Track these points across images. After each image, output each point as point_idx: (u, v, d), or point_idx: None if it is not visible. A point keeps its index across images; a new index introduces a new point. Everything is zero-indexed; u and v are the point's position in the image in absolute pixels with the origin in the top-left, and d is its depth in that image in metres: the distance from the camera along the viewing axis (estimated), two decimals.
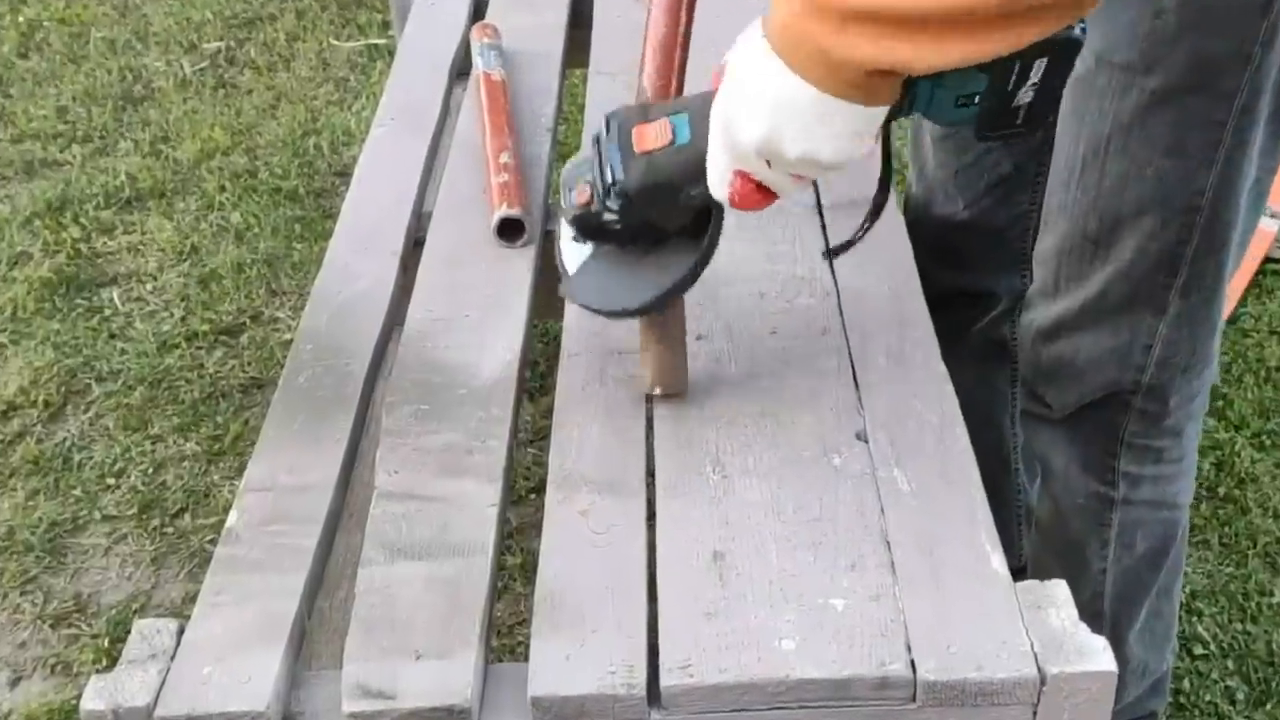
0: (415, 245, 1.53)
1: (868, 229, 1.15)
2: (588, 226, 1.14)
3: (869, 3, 0.91)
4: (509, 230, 1.48)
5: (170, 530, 2.18)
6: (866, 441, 1.18)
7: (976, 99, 1.02)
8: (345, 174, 2.94)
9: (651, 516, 1.13)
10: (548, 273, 1.49)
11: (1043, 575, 1.06)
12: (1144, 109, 1.27)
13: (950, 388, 1.23)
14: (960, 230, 1.65)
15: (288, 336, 2.49)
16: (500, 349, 1.33)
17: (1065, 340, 1.43)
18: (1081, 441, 1.49)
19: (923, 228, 1.62)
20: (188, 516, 2.19)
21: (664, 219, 1.13)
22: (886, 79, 0.96)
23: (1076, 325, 1.41)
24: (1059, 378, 1.46)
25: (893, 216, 1.46)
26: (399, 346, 1.36)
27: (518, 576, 2.04)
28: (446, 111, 1.79)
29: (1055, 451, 1.52)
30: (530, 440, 2.25)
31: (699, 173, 1.07)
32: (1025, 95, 1.02)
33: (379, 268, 1.47)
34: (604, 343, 1.31)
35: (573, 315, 1.36)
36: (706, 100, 1.07)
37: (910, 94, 1.01)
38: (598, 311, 1.20)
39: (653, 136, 1.09)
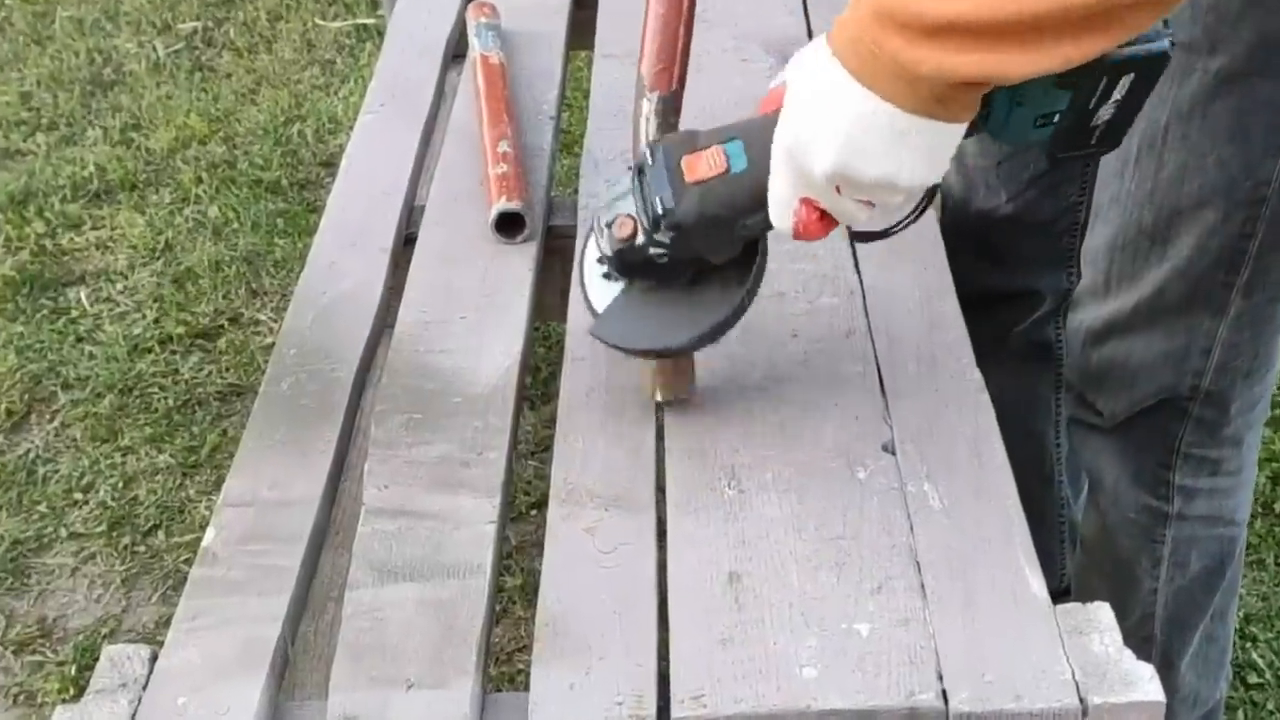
0: (406, 241, 1.53)
1: (910, 222, 1.15)
2: (630, 263, 1.15)
3: (956, 12, 0.91)
4: (508, 225, 1.49)
5: (142, 549, 2.18)
6: (894, 454, 1.18)
7: (1056, 118, 1.04)
8: (331, 164, 2.94)
9: (662, 534, 1.13)
10: (549, 270, 1.49)
11: (1087, 597, 1.05)
12: (1205, 93, 1.27)
13: (986, 396, 1.23)
14: (1002, 225, 1.65)
15: (269, 340, 2.49)
16: (498, 353, 1.33)
17: (1117, 342, 1.43)
18: (1133, 452, 1.49)
19: (961, 223, 1.62)
20: (161, 534, 2.20)
21: (714, 251, 1.14)
22: (969, 94, 0.97)
23: (1129, 326, 1.41)
24: (1110, 383, 1.45)
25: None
26: (389, 351, 1.36)
27: (518, 599, 2.05)
28: (440, 97, 1.79)
29: (1104, 462, 1.52)
30: (531, 452, 2.25)
31: (757, 202, 1.09)
32: (1105, 113, 1.04)
33: (367, 266, 1.48)
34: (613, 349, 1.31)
35: (577, 317, 1.36)
36: (763, 125, 1.08)
37: (985, 113, 1.02)
38: (631, 352, 1.21)
39: (705, 165, 1.10)
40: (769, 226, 1.10)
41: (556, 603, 1.08)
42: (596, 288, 1.21)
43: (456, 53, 1.87)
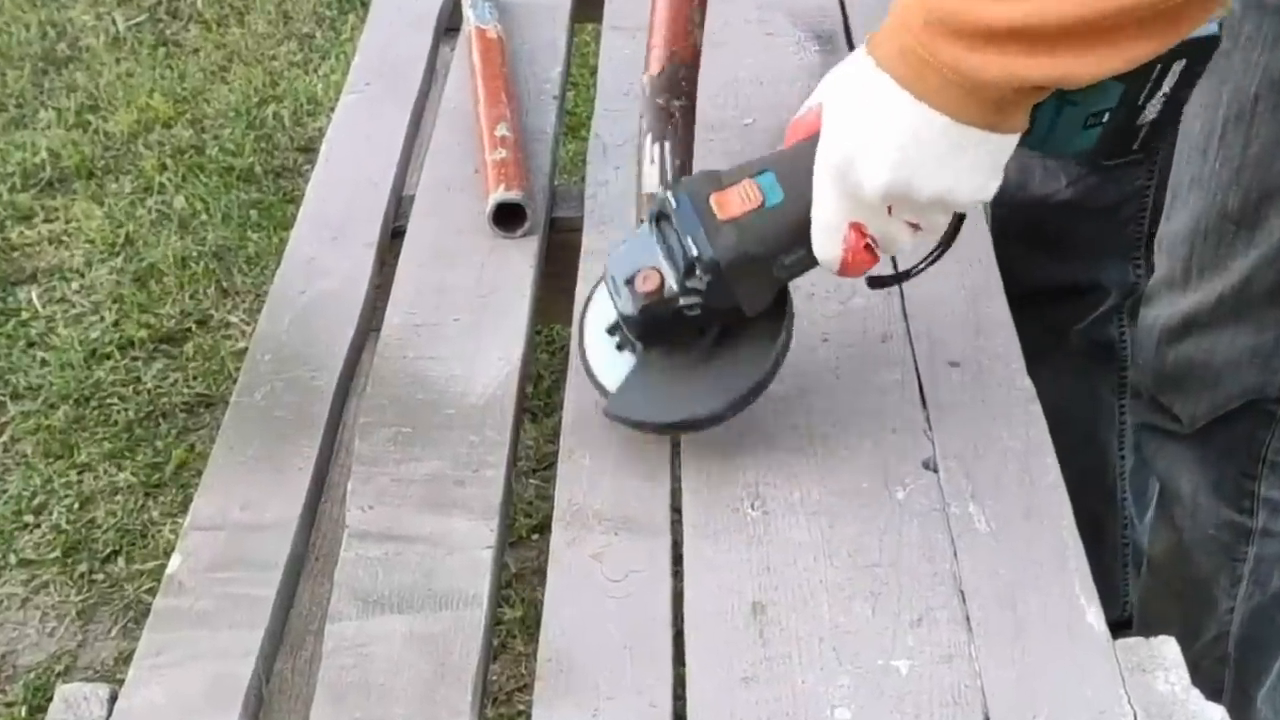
0: (394, 236, 1.54)
1: (937, 256, 1.16)
2: (656, 320, 1.16)
3: (1022, 15, 0.94)
4: (507, 217, 1.49)
5: (100, 577, 2.19)
6: (936, 471, 1.18)
7: (1106, 116, 1.07)
8: (310, 150, 2.95)
9: (678, 561, 1.14)
10: (552, 268, 1.50)
11: (1154, 623, 1.06)
12: None
13: (1037, 407, 1.23)
14: (1061, 212, 1.65)
15: (241, 345, 2.49)
16: (496, 359, 1.34)
17: (1198, 339, 1.43)
18: (1214, 460, 1.49)
19: (1014, 211, 1.62)
20: (121, 561, 2.20)
21: (750, 297, 1.15)
22: (1029, 100, 1.00)
23: (1211, 322, 1.41)
24: (1189, 384, 1.45)
25: None
26: (374, 357, 1.36)
27: (518, 632, 2.05)
28: (432, 75, 1.80)
29: (1181, 473, 1.51)
30: (532, 469, 2.25)
31: (797, 236, 1.11)
32: (1152, 110, 1.07)
33: (350, 262, 1.48)
34: None
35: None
36: (795, 154, 1.10)
37: (1031, 119, 1.04)
38: (659, 428, 1.22)
39: (737, 201, 1.12)
40: (810, 263, 1.12)
41: (560, 636, 1.08)
42: (605, 363, 1.23)
43: (450, 26, 1.88)
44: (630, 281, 1.15)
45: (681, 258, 1.13)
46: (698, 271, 1.12)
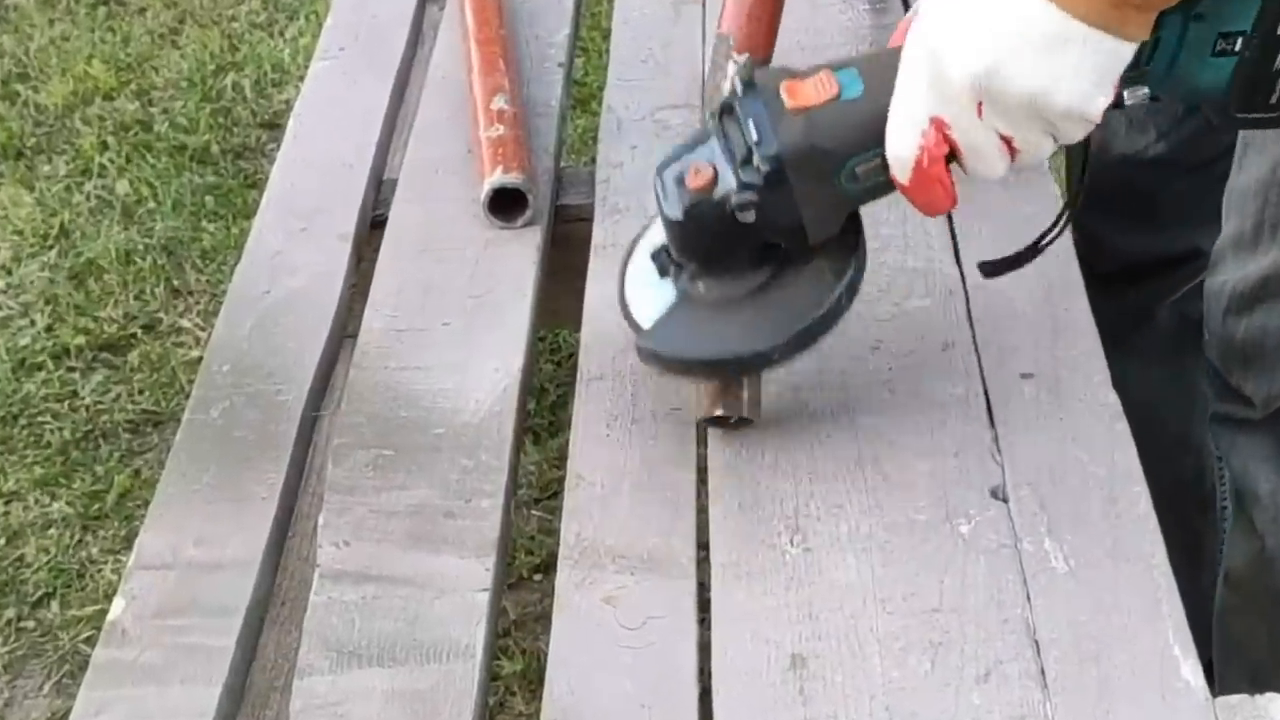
0: (373, 226, 1.55)
1: (1059, 230, 1.16)
2: (702, 228, 1.16)
3: None
4: (505, 204, 1.49)
5: (30, 624, 2.19)
6: (1006, 501, 1.18)
7: (1239, 44, 1.07)
8: (276, 126, 2.95)
9: (705, 606, 1.14)
10: (558, 263, 1.50)
11: (1238, 642, 1.06)
12: None
13: (1124, 426, 1.23)
14: (1152, 170, 1.64)
15: (195, 353, 2.50)
16: (492, 370, 1.34)
17: (1271, 307, 1.42)
18: None
19: (1095, 174, 1.62)
20: (54, 605, 2.21)
21: (814, 210, 1.15)
22: (1146, 7, 1.02)
23: None
24: (1261, 359, 1.44)
25: (1042, 173, 1.46)
26: (350, 368, 1.37)
27: (518, 689, 2.05)
28: (417, 38, 1.80)
29: (1258, 469, 1.50)
30: (535, 499, 2.25)
31: (872, 136, 1.11)
32: None
33: (322, 257, 1.49)
34: (638, 363, 1.31)
35: (593, 324, 1.37)
36: (882, 55, 1.12)
37: (1152, 43, 1.05)
38: (691, 368, 1.22)
39: (811, 91, 1.13)
40: (883, 178, 1.13)
41: (568, 694, 1.08)
42: (644, 294, 1.23)
43: None
44: (681, 179, 1.16)
45: (742, 144, 1.13)
46: (755, 161, 1.12)
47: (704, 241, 1.17)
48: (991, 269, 1.21)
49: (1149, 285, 1.71)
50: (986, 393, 1.27)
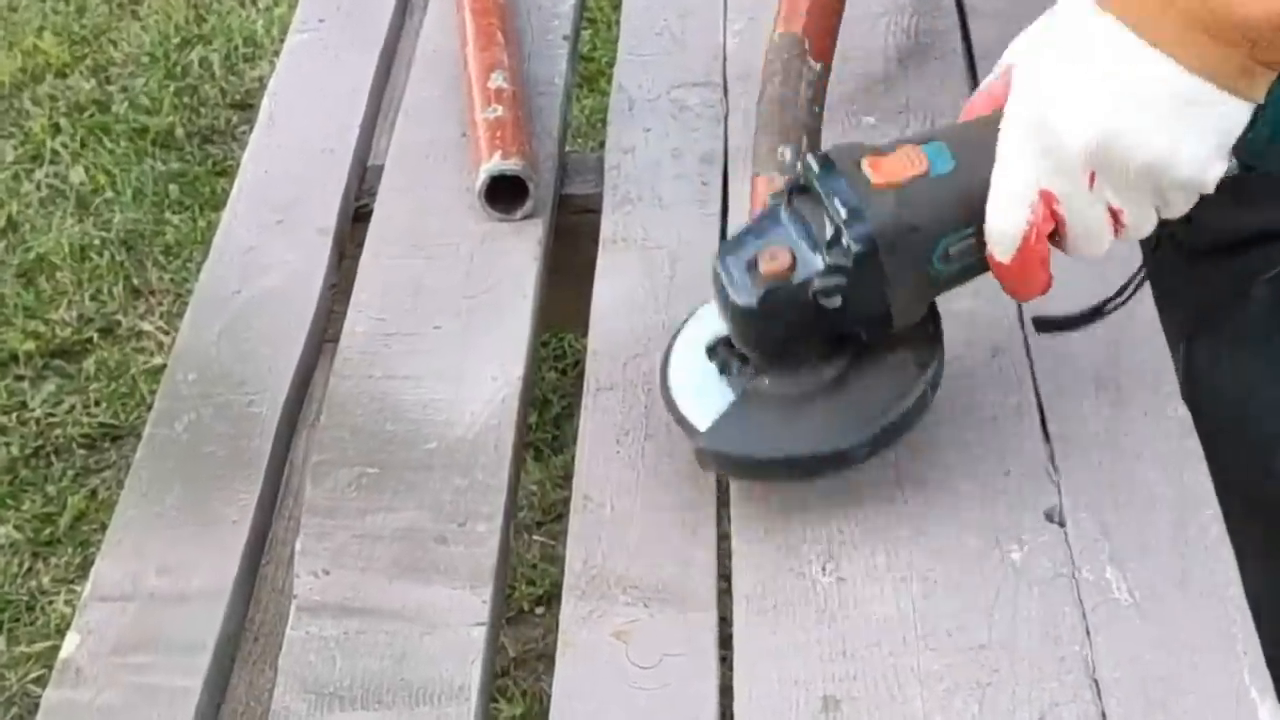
0: (356, 218, 1.55)
1: (1140, 280, 1.17)
2: (777, 318, 1.16)
3: None
4: (503, 194, 1.50)
5: None
6: (1062, 525, 1.18)
7: None
8: (248, 106, 2.96)
9: (727, 643, 1.14)
10: (562, 259, 1.50)
11: None
12: None
13: (1195, 442, 1.23)
14: (1248, 140, 1.64)
15: (158, 360, 2.51)
16: (489, 379, 1.35)
17: None
18: None
19: None
20: (1, 640, 2.21)
21: (903, 297, 1.15)
22: (1275, 66, 1.02)
23: None
24: None
25: None
26: (331, 376, 1.37)
27: None
28: (405, 7, 1.80)
29: None
30: (537, 522, 2.25)
31: (966, 214, 1.12)
32: None
33: (300, 254, 1.49)
34: (651, 369, 1.31)
35: (602, 328, 1.37)
36: (970, 126, 1.13)
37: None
38: (768, 468, 1.22)
39: (898, 166, 1.13)
40: (976, 259, 1.13)
41: None
42: (697, 395, 1.22)
43: None
44: (752, 264, 1.16)
45: (827, 226, 1.13)
46: (845, 241, 1.12)
47: (777, 333, 1.17)
48: (1047, 325, 1.21)
49: (1244, 261, 1.70)
50: (1040, 404, 1.27)
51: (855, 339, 1.18)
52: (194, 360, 1.39)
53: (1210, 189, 1.08)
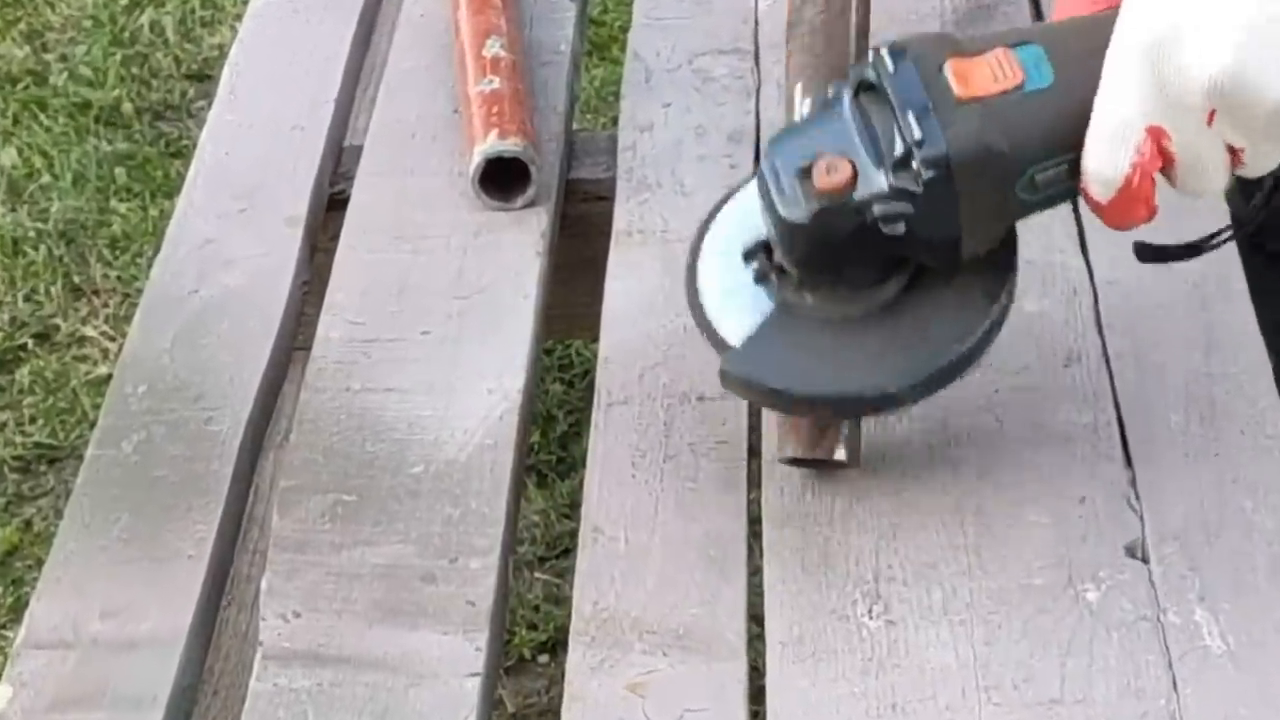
0: (330, 207, 1.55)
1: (1251, 225, 1.18)
2: (829, 239, 1.15)
3: None
4: (501, 179, 1.50)
5: None
6: (1146, 561, 1.18)
7: None
8: (206, 78, 2.96)
9: (759, 696, 1.14)
10: (569, 254, 1.50)
11: None
12: None
13: None
14: None
15: (103, 370, 2.51)
16: (485, 393, 1.35)
17: None
18: None
19: None
20: None
21: (977, 225, 1.15)
22: None
23: None
24: None
25: None
26: (302, 389, 1.38)
27: None
28: None
29: None
30: (540, 558, 2.26)
31: (1065, 137, 1.11)
32: None
33: (266, 247, 1.49)
34: (671, 380, 1.32)
35: (615, 334, 1.37)
36: (1077, 28, 1.13)
37: None
38: (801, 404, 1.22)
39: (989, 75, 1.12)
40: (1066, 188, 1.13)
41: None
42: (730, 303, 1.23)
43: None
44: (805, 172, 1.15)
45: (895, 142, 1.13)
46: (915, 164, 1.12)
47: (827, 252, 1.17)
48: (1151, 254, 1.20)
49: None
50: (1121, 421, 1.27)
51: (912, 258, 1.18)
52: (144, 370, 1.39)
53: None
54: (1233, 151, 1.09)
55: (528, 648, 2.17)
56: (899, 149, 1.12)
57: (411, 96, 1.62)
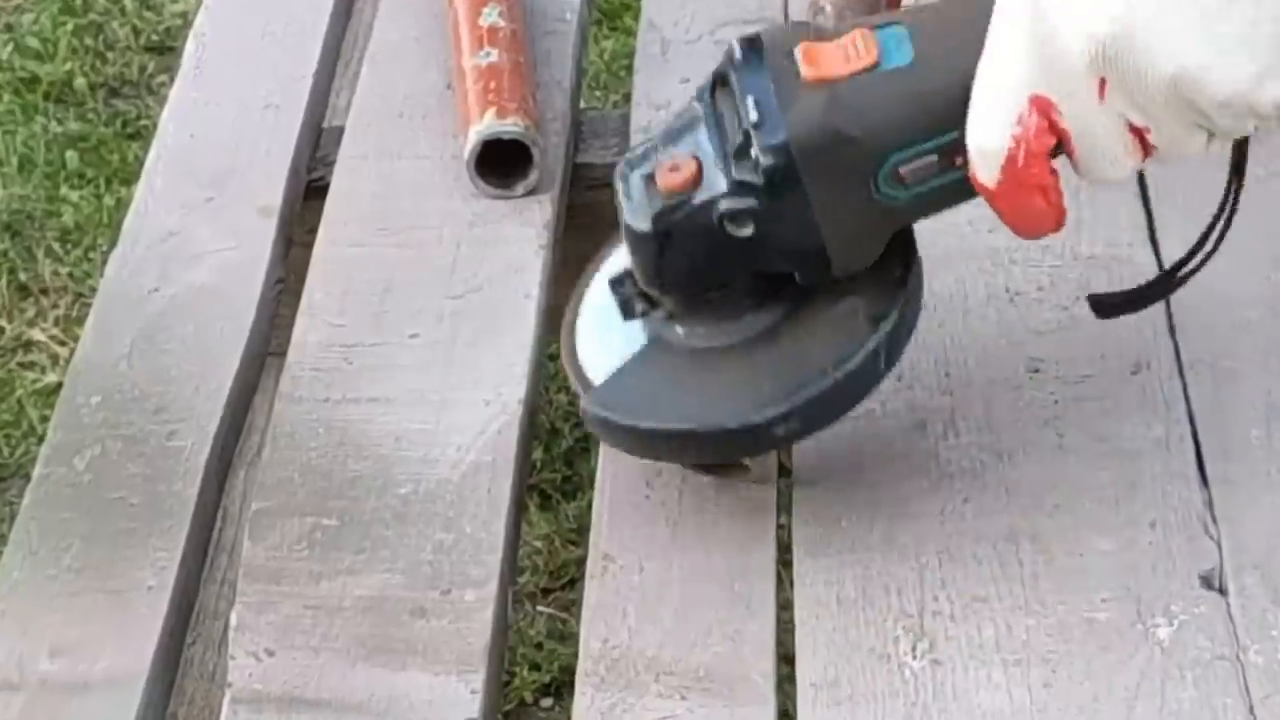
0: (308, 195, 1.56)
1: (1220, 228, 1.18)
2: (678, 249, 1.16)
3: None
4: (500, 163, 1.50)
5: None
6: (1223, 592, 1.18)
7: None
8: (167, 50, 2.97)
9: None
10: (576, 247, 1.51)
11: None
12: None
13: None
14: None
15: (52, 378, 2.52)
16: (482, 404, 1.35)
17: None
18: None
19: None
20: None
21: (839, 230, 1.15)
22: None
23: None
24: None
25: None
26: (276, 400, 1.38)
27: None
28: None
29: None
30: (543, 588, 2.26)
31: (925, 122, 1.12)
32: None
33: (236, 240, 1.50)
34: None
35: None
36: (949, 7, 1.14)
37: None
38: (651, 441, 1.23)
39: (839, 57, 1.13)
40: (938, 183, 1.13)
41: None
42: (599, 342, 1.24)
43: None
44: (651, 177, 1.16)
45: (739, 127, 1.14)
46: (754, 151, 1.13)
47: (681, 266, 1.17)
48: (1104, 308, 1.21)
49: None
50: (1196, 437, 1.28)
51: (792, 280, 1.18)
52: (98, 379, 1.39)
53: (1269, 113, 1.06)
54: (1138, 133, 1.09)
55: (529, 690, 2.17)
56: (738, 138, 1.13)
57: (399, 71, 1.62)
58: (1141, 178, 1.44)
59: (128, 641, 1.23)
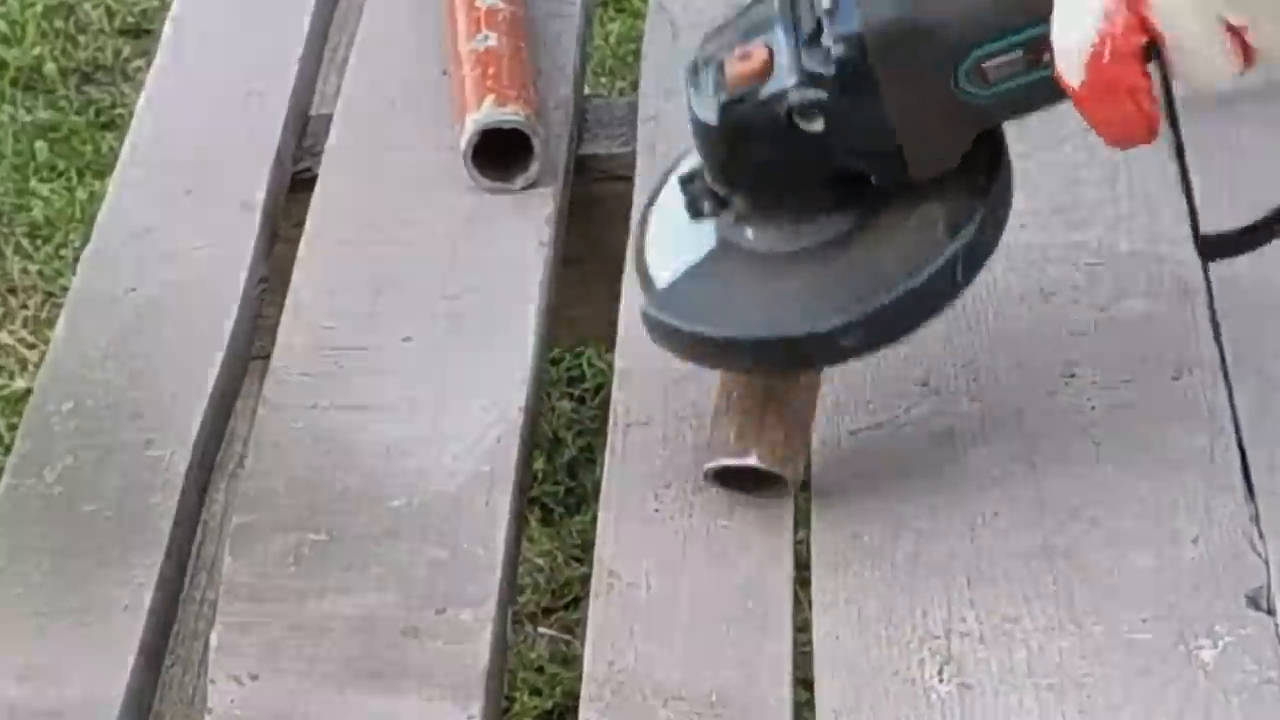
0: (294, 188, 1.56)
1: None
2: (746, 142, 1.16)
3: None
4: (499, 154, 1.51)
5: None
6: (1271, 613, 1.18)
7: None
8: (142, 34, 2.97)
9: None
10: (579, 244, 1.51)
11: None
12: None
13: None
14: None
15: (21, 384, 2.52)
16: (479, 411, 1.36)
17: None
18: None
19: None
20: None
21: (916, 128, 1.16)
22: None
23: None
24: None
25: None
26: (260, 407, 1.38)
27: None
28: None
29: None
30: (544, 608, 2.26)
31: (1010, 15, 1.11)
32: None
33: (216, 236, 1.50)
34: (700, 397, 1.32)
35: (634, 341, 1.37)
36: None
37: None
38: (709, 349, 1.23)
39: None
40: (1025, 81, 1.13)
41: None
42: (667, 243, 1.24)
43: None
44: (720, 67, 1.16)
45: (809, 19, 1.14)
46: (825, 40, 1.13)
47: (750, 162, 1.18)
48: (1214, 247, 1.21)
49: None
50: (1241, 446, 1.28)
51: (869, 183, 1.18)
52: (70, 385, 1.40)
53: None
54: (1235, 33, 1.08)
55: (530, 716, 2.17)
56: (811, 26, 1.13)
57: (391, 56, 1.63)
58: (1184, 170, 1.44)
59: (101, 665, 1.23)
